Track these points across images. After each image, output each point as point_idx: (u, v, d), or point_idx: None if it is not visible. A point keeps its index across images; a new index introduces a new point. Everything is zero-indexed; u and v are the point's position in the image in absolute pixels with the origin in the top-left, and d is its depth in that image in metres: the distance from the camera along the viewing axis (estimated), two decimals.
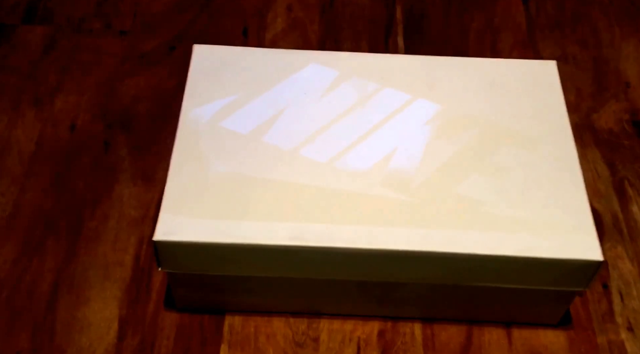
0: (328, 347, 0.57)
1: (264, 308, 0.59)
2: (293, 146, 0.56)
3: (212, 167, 0.55)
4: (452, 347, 0.57)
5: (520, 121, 0.58)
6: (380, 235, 0.51)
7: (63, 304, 0.59)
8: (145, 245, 0.63)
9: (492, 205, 0.53)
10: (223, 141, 0.57)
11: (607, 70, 0.78)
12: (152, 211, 0.65)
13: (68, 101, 0.74)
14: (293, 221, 0.52)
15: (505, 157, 0.56)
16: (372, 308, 0.58)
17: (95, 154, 0.69)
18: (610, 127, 0.73)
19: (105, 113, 0.73)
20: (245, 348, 0.57)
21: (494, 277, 0.53)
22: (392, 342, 0.58)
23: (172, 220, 0.52)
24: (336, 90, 0.61)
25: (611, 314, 0.59)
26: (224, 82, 0.61)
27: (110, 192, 0.67)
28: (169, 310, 0.59)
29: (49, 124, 0.72)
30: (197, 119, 0.58)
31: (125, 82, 0.76)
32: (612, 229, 0.65)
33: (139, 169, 0.68)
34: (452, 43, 0.81)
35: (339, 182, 0.54)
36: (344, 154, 0.56)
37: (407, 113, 0.59)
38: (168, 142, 0.70)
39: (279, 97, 0.60)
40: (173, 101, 0.74)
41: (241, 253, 0.52)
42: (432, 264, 0.52)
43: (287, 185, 0.54)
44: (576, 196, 0.54)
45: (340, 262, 0.52)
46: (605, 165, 0.69)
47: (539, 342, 0.58)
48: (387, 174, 0.55)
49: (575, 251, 0.51)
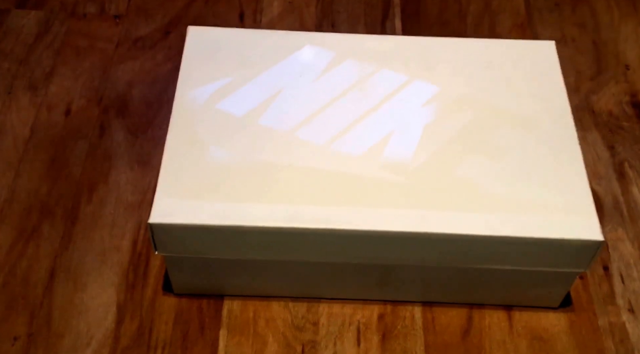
0: (328, 331, 0.57)
1: (263, 292, 0.58)
2: (289, 128, 0.56)
3: (207, 149, 0.54)
4: (452, 330, 0.57)
5: (519, 102, 0.58)
6: (378, 217, 0.51)
7: (60, 289, 0.59)
8: (143, 230, 0.62)
9: (491, 186, 0.53)
10: (219, 123, 0.56)
11: (606, 53, 0.78)
12: (149, 195, 0.65)
13: (62, 85, 0.73)
14: (290, 203, 0.51)
15: (504, 138, 0.55)
16: (371, 291, 0.58)
17: (91, 139, 0.69)
18: (610, 110, 0.72)
19: (101, 98, 0.72)
20: (245, 332, 0.57)
21: (493, 259, 0.52)
22: (392, 325, 0.57)
23: (168, 202, 0.51)
24: (333, 72, 0.60)
25: (612, 296, 0.59)
26: (219, 64, 0.60)
27: (107, 177, 0.66)
28: (167, 295, 0.58)
29: (43, 109, 0.71)
30: (192, 101, 0.57)
31: (120, 67, 0.75)
32: (612, 211, 0.64)
33: (135, 154, 0.68)
34: (450, 26, 0.80)
35: (336, 164, 0.54)
36: (341, 136, 0.56)
37: (405, 95, 0.59)
38: (164, 127, 0.69)
39: (274, 79, 0.59)
40: (168, 85, 0.73)
41: (238, 235, 0.51)
42: (431, 246, 0.52)
43: (283, 167, 0.53)
44: (576, 177, 0.53)
45: (337, 244, 0.52)
46: (605, 147, 0.69)
47: (539, 324, 0.57)
48: (385, 156, 0.54)
49: (575, 231, 0.50)
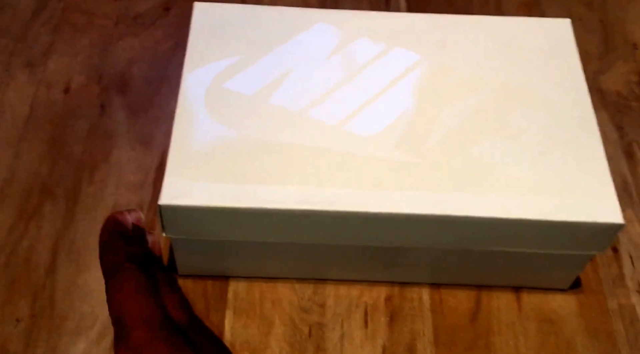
0: (335, 312, 0.56)
1: (269, 274, 0.57)
2: (301, 107, 0.55)
3: (216, 129, 0.53)
4: (460, 312, 0.57)
5: (535, 81, 0.57)
6: (391, 199, 0.50)
7: (63, 271, 0.58)
8: (145, 211, 0.61)
9: (508, 167, 0.52)
10: (227, 102, 0.55)
11: (614, 32, 0.77)
12: (151, 176, 0.63)
13: (61, 63, 0.71)
14: (302, 184, 0.50)
15: (520, 118, 0.55)
16: (379, 273, 0.57)
17: (91, 118, 0.67)
18: (618, 90, 0.72)
19: (100, 75, 0.71)
20: (251, 314, 0.56)
21: (508, 241, 0.52)
22: (400, 307, 0.57)
23: (178, 184, 0.50)
24: (344, 50, 0.59)
25: (621, 278, 0.59)
26: (227, 41, 0.58)
27: (108, 156, 0.65)
28: None
29: (42, 87, 0.69)
30: (199, 79, 0.56)
31: (120, 44, 0.73)
32: (621, 192, 0.64)
33: (136, 133, 0.66)
34: (455, 4, 0.79)
35: (348, 145, 0.53)
36: (353, 116, 0.54)
37: (418, 74, 0.57)
38: (165, 106, 0.68)
39: (285, 56, 0.58)
40: (169, 63, 0.72)
41: (249, 218, 0.50)
42: (444, 229, 0.51)
43: (295, 148, 0.52)
44: (594, 157, 0.52)
45: (350, 226, 0.51)
46: (613, 128, 0.68)
47: (548, 306, 0.57)
48: (398, 136, 0.53)
49: (594, 213, 0.49)
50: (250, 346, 0.54)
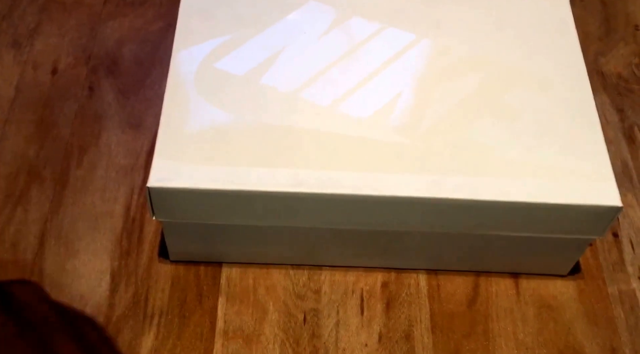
0: (330, 299, 0.55)
1: (263, 260, 0.56)
2: (293, 88, 0.53)
3: (207, 110, 0.52)
4: (458, 298, 0.55)
5: (532, 61, 0.55)
6: (386, 181, 0.49)
7: (51, 256, 0.56)
8: (136, 195, 0.60)
9: (505, 150, 0.50)
10: (218, 82, 0.53)
11: (615, 13, 0.75)
12: (142, 159, 0.62)
13: (48, 43, 0.69)
14: (294, 167, 0.49)
15: (518, 99, 0.53)
16: (375, 258, 0.56)
17: (80, 100, 0.66)
18: (619, 72, 0.70)
19: (89, 56, 0.69)
20: (245, 300, 0.55)
21: (506, 225, 0.50)
22: (397, 293, 0.55)
23: (167, 166, 0.48)
24: (337, 29, 0.57)
25: (622, 263, 0.58)
26: (218, 20, 0.57)
27: (97, 139, 0.63)
28: (162, 262, 0.56)
29: (29, 67, 0.67)
30: (189, 59, 0.54)
31: (109, 24, 0.71)
32: (621, 176, 0.62)
33: (126, 116, 0.65)
34: None
35: (342, 127, 0.51)
36: (347, 97, 0.53)
37: (413, 54, 0.56)
38: (156, 87, 0.67)
39: (276, 36, 0.56)
40: (159, 44, 0.70)
41: (240, 200, 0.49)
42: (441, 212, 0.50)
43: (287, 129, 0.51)
44: (592, 139, 0.51)
45: (344, 210, 0.50)
46: (614, 110, 0.67)
47: (547, 292, 0.56)
48: (393, 118, 0.52)
49: (592, 196, 0.48)
50: (243, 333, 0.53)
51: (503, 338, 0.54)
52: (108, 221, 0.58)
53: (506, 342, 0.53)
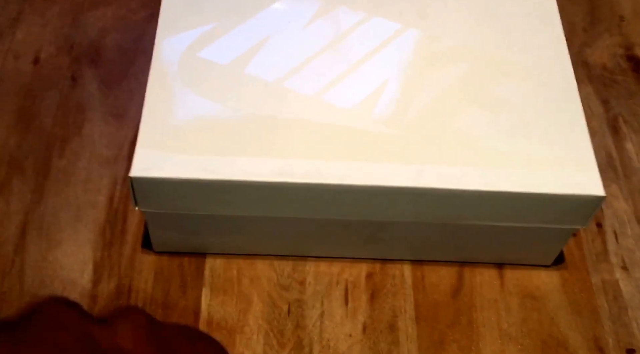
0: (315, 290, 0.55)
1: (247, 251, 0.56)
2: (277, 77, 0.53)
3: (190, 99, 0.51)
4: (442, 289, 0.55)
5: (517, 52, 0.55)
6: (371, 171, 0.49)
7: (32, 247, 0.56)
8: (120, 186, 0.59)
9: (489, 139, 0.50)
10: (202, 72, 0.53)
11: (600, 4, 0.75)
12: (125, 150, 0.61)
13: (30, 32, 0.69)
14: (279, 156, 0.49)
15: (502, 89, 0.53)
16: (360, 249, 0.56)
17: (62, 90, 0.65)
18: (604, 63, 0.70)
19: (71, 46, 0.68)
20: (228, 291, 0.54)
21: (490, 215, 0.50)
22: (381, 284, 0.55)
23: (150, 155, 0.48)
24: (323, 19, 0.57)
25: (605, 253, 0.58)
26: (201, 8, 0.56)
27: (80, 130, 0.62)
28: (146, 253, 0.56)
29: (10, 57, 0.67)
30: (173, 48, 0.54)
31: (92, 13, 0.71)
32: (606, 167, 0.63)
33: (109, 106, 0.64)
34: None
35: (327, 116, 0.51)
36: (331, 86, 0.53)
37: (398, 44, 0.56)
38: (140, 78, 0.66)
39: (261, 25, 0.56)
40: (143, 34, 0.69)
41: (224, 190, 0.49)
42: (426, 202, 0.49)
43: (271, 119, 0.50)
44: (576, 130, 0.51)
45: (329, 200, 0.50)
46: (598, 101, 0.67)
47: (531, 283, 0.56)
48: (378, 108, 0.52)
49: (575, 186, 0.48)
50: (227, 324, 0.53)
51: (487, 328, 0.54)
52: (91, 212, 0.58)
53: (490, 332, 0.53)
